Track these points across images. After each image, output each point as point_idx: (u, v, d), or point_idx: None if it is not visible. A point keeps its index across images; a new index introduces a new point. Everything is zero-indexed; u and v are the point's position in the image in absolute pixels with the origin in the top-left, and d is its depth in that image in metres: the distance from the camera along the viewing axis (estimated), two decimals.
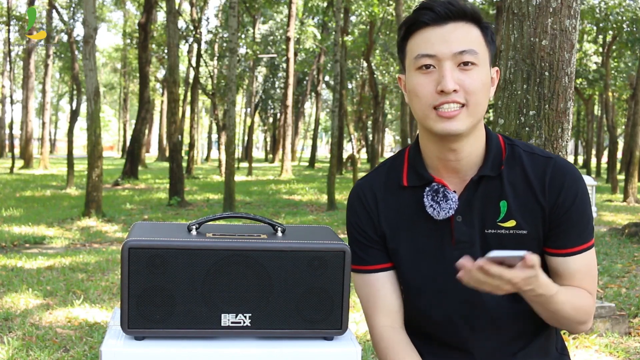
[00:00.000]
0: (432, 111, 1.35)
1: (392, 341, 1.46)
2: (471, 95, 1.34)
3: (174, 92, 13.22)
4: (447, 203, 1.41)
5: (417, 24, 1.37)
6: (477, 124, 1.38)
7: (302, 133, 45.14)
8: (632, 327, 4.20)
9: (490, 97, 1.42)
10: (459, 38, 1.34)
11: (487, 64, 1.38)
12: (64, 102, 55.19)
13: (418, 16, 1.37)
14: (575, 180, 1.41)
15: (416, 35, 1.37)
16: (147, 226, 1.43)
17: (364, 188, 1.53)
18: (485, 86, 1.36)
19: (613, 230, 9.06)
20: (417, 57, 1.36)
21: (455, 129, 1.34)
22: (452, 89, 1.32)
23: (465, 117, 1.34)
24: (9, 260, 6.42)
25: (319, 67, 31.29)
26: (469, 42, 1.34)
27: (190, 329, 1.30)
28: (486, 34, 1.39)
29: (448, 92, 1.32)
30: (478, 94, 1.34)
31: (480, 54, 1.35)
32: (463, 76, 1.33)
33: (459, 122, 1.34)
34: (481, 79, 1.35)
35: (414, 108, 1.40)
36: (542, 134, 2.75)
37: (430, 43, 1.34)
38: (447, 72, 1.32)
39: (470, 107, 1.34)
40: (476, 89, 1.34)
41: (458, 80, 1.33)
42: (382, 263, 1.50)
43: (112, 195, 14.84)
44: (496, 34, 6.29)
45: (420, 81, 1.36)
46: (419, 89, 1.36)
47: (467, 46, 1.33)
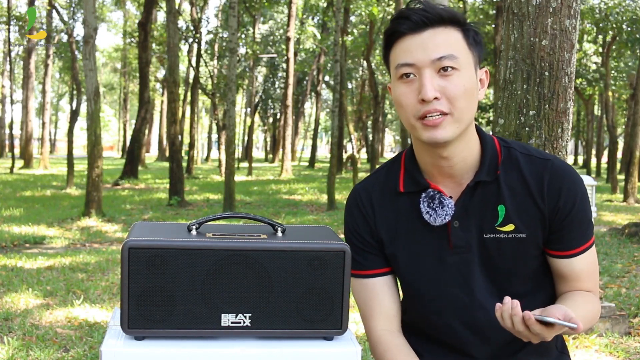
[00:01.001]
0: (417, 121, 1.35)
1: (390, 345, 1.46)
2: (454, 101, 1.32)
3: (174, 92, 13.22)
4: (443, 209, 1.41)
5: (395, 33, 1.37)
6: (465, 129, 1.37)
7: (302, 133, 45.12)
8: (632, 327, 4.20)
9: (480, 99, 1.41)
10: (438, 44, 1.32)
11: (471, 67, 1.36)
12: (64, 102, 55.22)
13: (395, 26, 1.36)
14: (574, 183, 1.41)
15: (396, 44, 1.37)
16: (147, 226, 1.43)
17: (362, 193, 1.53)
18: (469, 90, 1.34)
19: (613, 230, 9.06)
20: (397, 67, 1.36)
21: (441, 137, 1.34)
22: (432, 97, 1.31)
23: (450, 124, 1.33)
24: (9, 260, 6.42)
25: (319, 67, 31.28)
26: (447, 47, 1.33)
27: (190, 329, 1.30)
28: (468, 36, 1.37)
29: (429, 101, 1.31)
30: (461, 100, 1.33)
31: (461, 57, 1.34)
32: (444, 82, 1.32)
33: (444, 130, 1.33)
34: (463, 83, 1.33)
35: (401, 118, 1.40)
36: (542, 134, 2.75)
37: (409, 52, 1.34)
38: (427, 81, 1.31)
39: (455, 113, 1.33)
40: (458, 94, 1.32)
41: (439, 87, 1.32)
42: (380, 268, 1.51)
43: (112, 195, 14.84)
44: (496, 34, 6.32)
45: (402, 91, 1.36)
46: (402, 99, 1.36)
47: (445, 51, 1.32)
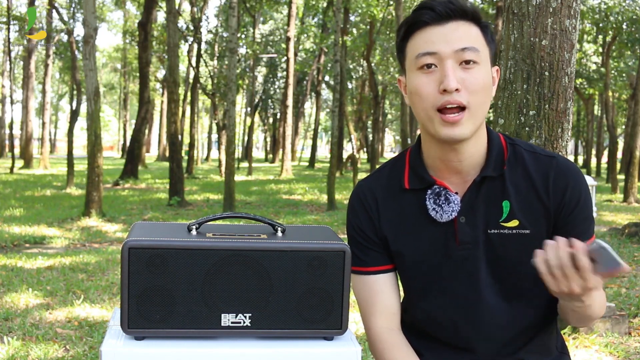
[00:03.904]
0: (436, 114, 1.34)
1: (389, 343, 1.46)
2: (473, 95, 1.32)
3: (174, 92, 13.22)
4: (450, 206, 1.41)
5: (418, 23, 1.36)
6: (480, 126, 1.38)
7: (302, 133, 45.13)
8: (632, 327, 4.20)
9: (491, 97, 1.42)
10: (461, 36, 1.33)
11: (488, 63, 1.38)
12: (64, 102, 55.24)
13: (418, 16, 1.36)
14: (579, 180, 1.41)
15: (416, 35, 1.36)
16: (147, 226, 1.43)
17: (365, 190, 1.52)
18: (487, 85, 1.36)
19: (613, 230, 9.05)
20: (418, 56, 1.35)
21: (460, 134, 1.33)
22: (454, 87, 1.30)
23: (468, 121, 1.33)
24: (9, 260, 6.42)
25: (319, 67, 31.27)
26: (470, 40, 1.33)
27: (190, 329, 1.30)
28: (486, 33, 1.38)
29: (450, 91, 1.30)
30: (480, 94, 1.33)
31: (482, 52, 1.35)
32: (465, 75, 1.32)
33: (463, 127, 1.33)
34: (483, 77, 1.34)
35: (416, 110, 1.38)
36: (542, 133, 2.75)
37: (431, 42, 1.33)
38: (449, 71, 1.31)
39: (472, 108, 1.33)
40: (478, 87, 1.33)
41: (460, 79, 1.31)
42: (382, 265, 1.50)
43: (112, 195, 14.84)
44: (496, 34, 6.34)
45: (421, 81, 1.34)
46: (421, 89, 1.34)
47: (468, 44, 1.32)
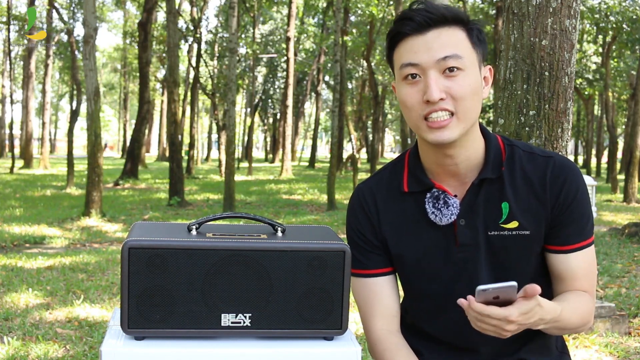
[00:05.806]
0: (422, 122, 1.36)
1: (389, 344, 1.46)
2: (459, 102, 1.33)
3: (174, 92, 13.22)
4: (449, 209, 1.41)
5: (399, 34, 1.37)
6: (470, 129, 1.38)
7: (302, 133, 45.11)
8: (632, 327, 4.20)
9: (485, 97, 1.42)
10: (442, 44, 1.33)
11: (475, 66, 1.37)
12: (64, 102, 55.19)
13: (399, 27, 1.37)
14: (576, 177, 1.42)
15: (400, 45, 1.38)
16: (147, 226, 1.43)
17: (365, 193, 1.53)
18: (474, 90, 1.35)
19: (613, 230, 9.06)
20: (401, 67, 1.37)
21: (447, 138, 1.34)
22: (437, 98, 1.31)
23: (455, 125, 1.34)
24: (9, 260, 6.42)
25: (319, 67, 31.27)
26: (451, 47, 1.33)
27: (190, 329, 1.30)
28: (471, 34, 1.37)
29: (434, 102, 1.32)
30: (466, 100, 1.33)
31: (466, 57, 1.34)
32: (449, 83, 1.32)
33: (450, 130, 1.34)
34: (469, 83, 1.34)
35: (406, 118, 1.41)
36: (542, 134, 2.75)
37: (413, 52, 1.34)
38: (432, 82, 1.32)
39: (460, 114, 1.34)
40: (464, 94, 1.33)
41: (444, 87, 1.32)
42: (381, 268, 1.51)
43: (112, 195, 14.84)
44: (496, 34, 6.31)
45: (407, 91, 1.36)
46: (407, 99, 1.37)
47: (450, 51, 1.32)
